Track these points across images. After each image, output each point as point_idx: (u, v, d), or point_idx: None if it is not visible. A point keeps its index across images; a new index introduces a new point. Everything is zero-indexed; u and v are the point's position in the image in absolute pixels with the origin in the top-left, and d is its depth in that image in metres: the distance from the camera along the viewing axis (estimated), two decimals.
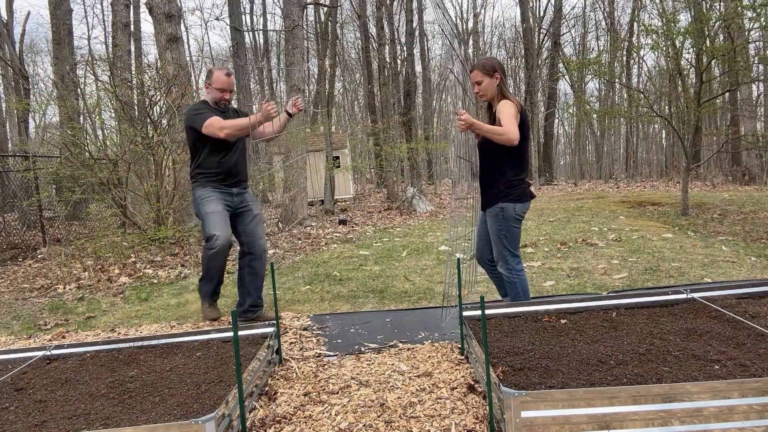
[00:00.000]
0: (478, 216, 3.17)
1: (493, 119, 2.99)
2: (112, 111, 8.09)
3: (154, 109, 7.46)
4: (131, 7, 12.30)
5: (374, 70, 19.20)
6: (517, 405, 1.68)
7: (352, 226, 9.87)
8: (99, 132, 9.32)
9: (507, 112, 2.77)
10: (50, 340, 3.66)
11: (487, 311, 2.82)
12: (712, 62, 9.46)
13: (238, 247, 3.70)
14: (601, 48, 27.67)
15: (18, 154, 9.82)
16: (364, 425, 2.01)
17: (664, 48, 9.43)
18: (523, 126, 2.81)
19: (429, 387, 2.32)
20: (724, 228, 7.18)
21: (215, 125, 3.27)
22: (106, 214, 7.94)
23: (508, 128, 2.69)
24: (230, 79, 3.48)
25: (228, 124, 3.29)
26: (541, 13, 26.07)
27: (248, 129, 3.32)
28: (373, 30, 18.24)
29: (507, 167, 2.89)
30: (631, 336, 2.37)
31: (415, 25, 21.33)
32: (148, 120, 7.32)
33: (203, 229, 3.47)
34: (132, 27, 13.27)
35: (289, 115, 3.46)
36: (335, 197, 14.34)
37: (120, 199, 7.20)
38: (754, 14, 7.91)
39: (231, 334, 2.81)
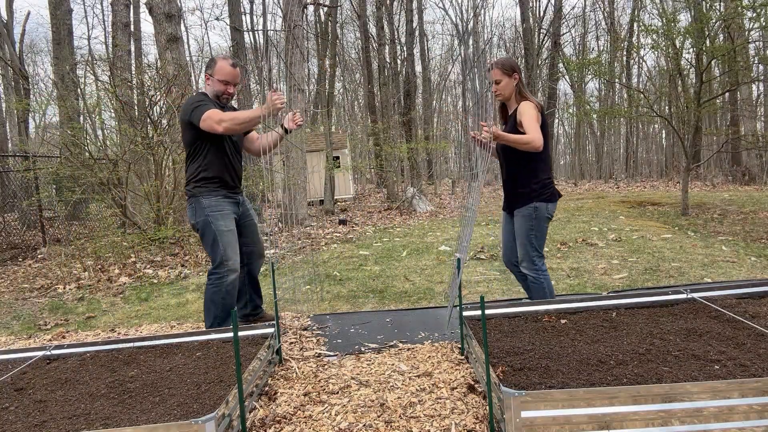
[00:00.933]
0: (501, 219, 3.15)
1: (507, 120, 2.96)
2: (112, 111, 8.10)
3: (154, 109, 7.46)
4: (131, 7, 12.31)
5: (374, 70, 19.20)
6: (517, 405, 1.68)
7: (352, 226, 9.87)
8: (99, 132, 9.34)
9: (529, 114, 2.73)
10: (50, 340, 3.66)
11: (487, 311, 2.82)
12: (712, 62, 9.46)
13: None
14: (601, 48, 27.69)
15: (18, 154, 9.83)
16: (364, 425, 2.01)
17: (664, 48, 9.43)
18: (544, 126, 2.79)
19: (429, 387, 2.32)
20: (724, 228, 7.18)
21: (213, 118, 2.83)
22: (106, 214, 7.94)
23: (532, 135, 2.66)
24: (236, 71, 3.04)
25: (227, 116, 2.85)
26: (541, 13, 26.07)
27: (251, 123, 2.88)
28: (373, 30, 18.25)
29: (537, 167, 2.86)
30: (631, 336, 2.37)
31: (415, 25, 21.32)
32: (148, 120, 7.32)
33: (215, 250, 2.99)
34: (132, 27, 13.27)
35: (286, 131, 3.11)
36: (335, 197, 14.34)
37: (120, 199, 7.20)
38: (754, 14, 7.91)
39: (231, 334, 2.81)
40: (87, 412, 2.02)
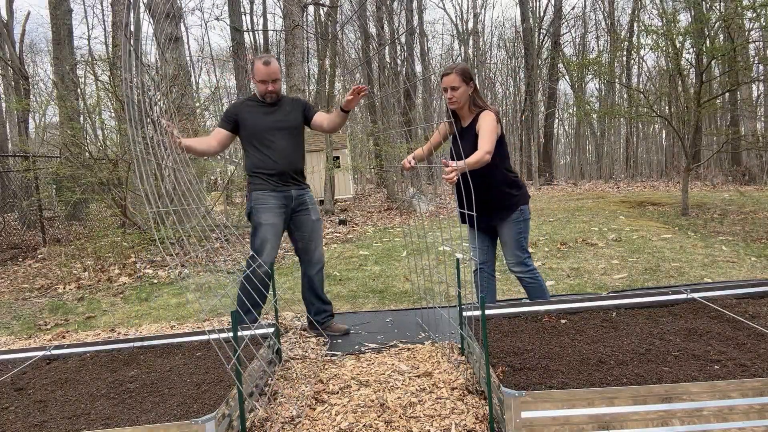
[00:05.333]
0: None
1: (461, 130, 2.88)
2: (112, 111, 8.10)
3: (154, 109, 7.45)
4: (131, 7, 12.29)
5: (374, 70, 19.20)
6: (517, 405, 1.68)
7: (352, 226, 9.87)
8: (99, 132, 9.33)
9: (487, 124, 2.69)
10: (50, 340, 3.66)
11: (487, 311, 2.82)
12: (712, 62, 9.46)
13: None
14: (601, 48, 27.67)
15: (18, 154, 9.82)
16: (364, 425, 2.01)
17: (664, 48, 9.43)
18: (501, 138, 2.81)
19: (429, 387, 2.32)
20: (724, 228, 7.18)
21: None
22: (106, 214, 7.94)
23: (482, 148, 2.59)
24: (270, 68, 3.06)
25: (190, 143, 2.99)
26: (541, 13, 26.06)
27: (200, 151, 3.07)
28: (373, 30, 18.25)
29: (509, 171, 2.87)
30: (631, 336, 2.37)
31: (415, 25, 21.33)
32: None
33: (253, 240, 3.11)
34: (132, 27, 13.25)
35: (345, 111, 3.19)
36: (335, 197, 14.33)
37: (120, 199, 7.20)
38: (754, 14, 7.91)
39: (231, 334, 2.81)
40: (87, 412, 2.02)
